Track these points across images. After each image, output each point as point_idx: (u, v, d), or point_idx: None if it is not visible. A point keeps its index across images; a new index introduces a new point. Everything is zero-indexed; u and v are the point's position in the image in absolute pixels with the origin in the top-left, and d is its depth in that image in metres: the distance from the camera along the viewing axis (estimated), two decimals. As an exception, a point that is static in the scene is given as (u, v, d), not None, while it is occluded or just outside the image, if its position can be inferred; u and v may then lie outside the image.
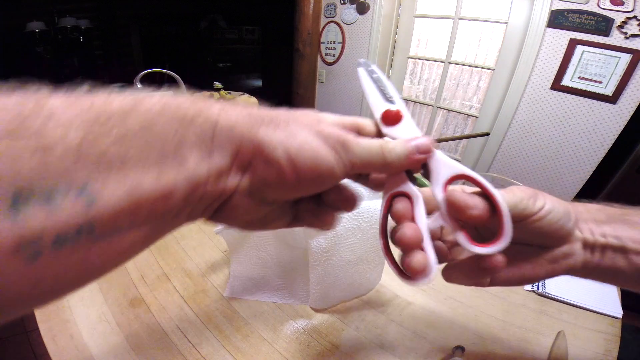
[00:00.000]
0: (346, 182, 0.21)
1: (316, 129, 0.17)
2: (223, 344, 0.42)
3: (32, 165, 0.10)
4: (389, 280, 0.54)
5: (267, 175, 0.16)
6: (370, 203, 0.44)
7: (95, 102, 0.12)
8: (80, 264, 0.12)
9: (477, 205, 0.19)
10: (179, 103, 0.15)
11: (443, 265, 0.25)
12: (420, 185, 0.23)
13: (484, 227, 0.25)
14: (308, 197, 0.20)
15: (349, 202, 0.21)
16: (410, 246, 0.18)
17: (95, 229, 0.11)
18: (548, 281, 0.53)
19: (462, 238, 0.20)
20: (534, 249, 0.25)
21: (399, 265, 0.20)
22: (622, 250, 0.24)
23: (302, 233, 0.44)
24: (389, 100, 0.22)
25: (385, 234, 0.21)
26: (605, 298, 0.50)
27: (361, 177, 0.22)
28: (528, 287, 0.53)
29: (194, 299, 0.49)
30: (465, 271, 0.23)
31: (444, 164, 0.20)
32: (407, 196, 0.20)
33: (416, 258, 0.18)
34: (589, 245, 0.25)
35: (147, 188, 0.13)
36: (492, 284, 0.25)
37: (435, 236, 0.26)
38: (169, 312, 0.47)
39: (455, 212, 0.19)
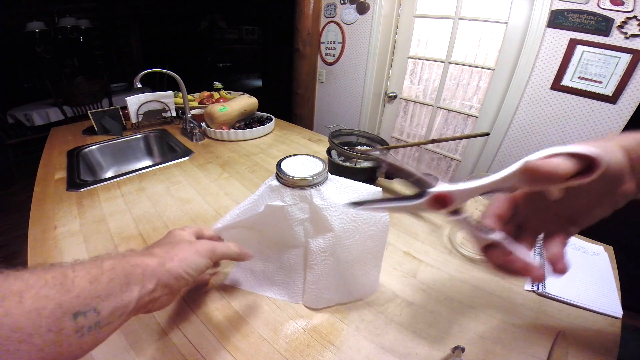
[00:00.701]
0: None
1: (194, 249, 0.36)
2: (223, 344, 0.42)
3: (75, 304, 0.24)
4: (389, 280, 0.54)
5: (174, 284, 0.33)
6: None
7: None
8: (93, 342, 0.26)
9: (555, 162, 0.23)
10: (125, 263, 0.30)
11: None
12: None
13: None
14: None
15: None
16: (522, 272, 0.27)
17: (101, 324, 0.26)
18: (548, 281, 0.53)
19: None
20: (604, 195, 0.26)
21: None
22: None
23: (303, 232, 0.44)
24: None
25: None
26: (605, 298, 0.51)
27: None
28: (528, 287, 0.53)
29: (194, 299, 0.49)
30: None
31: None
32: (494, 244, 0.27)
33: (537, 272, 0.26)
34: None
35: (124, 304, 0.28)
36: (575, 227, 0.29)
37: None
38: (169, 312, 0.47)
39: (535, 176, 0.22)
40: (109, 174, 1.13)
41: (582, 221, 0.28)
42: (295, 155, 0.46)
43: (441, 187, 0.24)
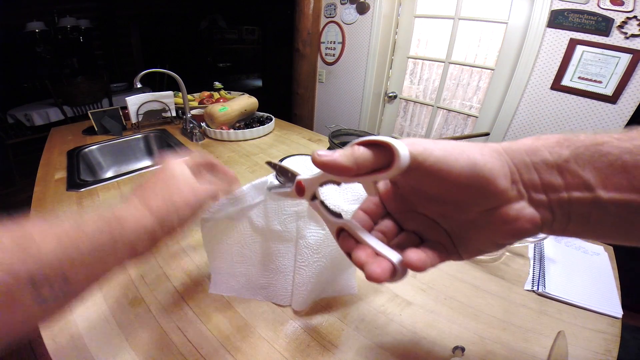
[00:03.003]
0: None
1: (195, 197, 0.32)
2: (223, 344, 0.42)
3: (36, 271, 0.20)
4: (389, 280, 0.54)
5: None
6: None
7: (66, 233, 0.23)
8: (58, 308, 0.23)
9: (325, 153, 0.20)
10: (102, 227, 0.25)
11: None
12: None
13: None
14: None
15: None
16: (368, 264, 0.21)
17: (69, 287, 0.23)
18: (548, 281, 0.53)
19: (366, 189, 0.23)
20: (476, 216, 0.21)
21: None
22: (595, 202, 0.17)
23: (295, 230, 0.44)
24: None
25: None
26: (605, 298, 0.51)
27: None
28: (528, 287, 0.53)
29: (194, 299, 0.49)
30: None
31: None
32: (343, 228, 0.24)
33: (371, 269, 0.20)
34: (541, 204, 0.19)
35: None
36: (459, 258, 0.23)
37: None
38: (169, 312, 0.47)
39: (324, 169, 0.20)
40: (109, 174, 1.13)
41: (458, 241, 0.22)
42: (295, 155, 0.47)
43: (299, 177, 0.28)
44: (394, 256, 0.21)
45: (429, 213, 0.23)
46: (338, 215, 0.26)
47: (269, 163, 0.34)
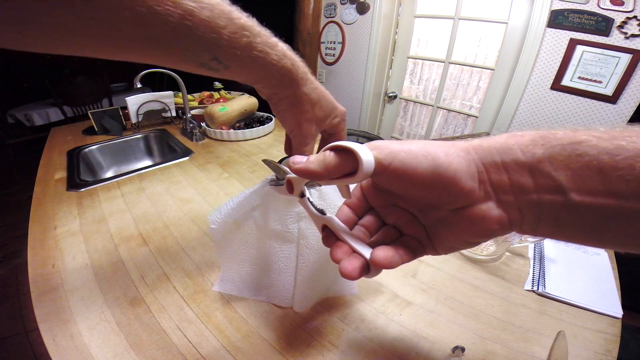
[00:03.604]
0: None
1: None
2: (223, 344, 0.42)
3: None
4: (389, 280, 0.54)
5: None
6: None
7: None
8: None
9: (297, 159, 0.22)
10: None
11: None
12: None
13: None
14: None
15: None
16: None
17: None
18: (548, 281, 0.53)
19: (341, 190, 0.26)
20: (447, 214, 0.21)
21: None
22: (566, 205, 0.17)
23: (297, 230, 0.44)
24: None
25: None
26: (605, 298, 0.51)
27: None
28: (528, 287, 0.53)
29: (194, 299, 0.49)
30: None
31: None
32: (325, 225, 0.25)
33: (343, 265, 0.21)
34: (509, 205, 0.19)
35: None
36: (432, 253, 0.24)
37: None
38: (169, 312, 0.47)
39: (297, 174, 0.22)
40: (109, 174, 1.13)
41: (434, 237, 0.23)
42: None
43: (288, 175, 0.29)
44: (369, 254, 0.21)
45: (408, 207, 0.24)
46: (322, 212, 0.27)
47: (265, 161, 0.35)
